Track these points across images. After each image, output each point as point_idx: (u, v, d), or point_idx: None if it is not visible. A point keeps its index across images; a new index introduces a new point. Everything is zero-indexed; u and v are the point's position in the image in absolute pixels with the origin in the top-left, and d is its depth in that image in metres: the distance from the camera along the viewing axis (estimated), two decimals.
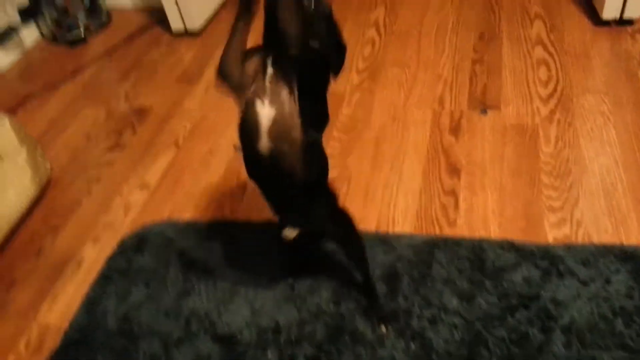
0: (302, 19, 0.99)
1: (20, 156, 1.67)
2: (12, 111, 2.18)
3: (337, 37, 1.12)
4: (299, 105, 1.01)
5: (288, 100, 1.01)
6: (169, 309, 1.37)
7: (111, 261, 1.51)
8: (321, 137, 1.14)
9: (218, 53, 1.08)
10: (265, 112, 1.01)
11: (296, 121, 1.01)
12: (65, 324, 1.39)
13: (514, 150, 1.65)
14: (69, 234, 1.65)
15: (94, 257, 1.56)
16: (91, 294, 1.43)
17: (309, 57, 1.03)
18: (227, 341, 1.28)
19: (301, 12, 0.99)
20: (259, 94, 1.02)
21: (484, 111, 1.79)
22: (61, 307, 1.45)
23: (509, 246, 1.38)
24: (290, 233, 1.21)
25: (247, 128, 1.04)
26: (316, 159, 1.11)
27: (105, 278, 1.47)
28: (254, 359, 1.25)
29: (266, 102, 1.01)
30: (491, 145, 1.68)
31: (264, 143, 1.02)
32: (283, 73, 1.01)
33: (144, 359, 1.28)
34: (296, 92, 1.00)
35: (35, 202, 1.75)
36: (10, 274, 1.56)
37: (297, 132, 1.01)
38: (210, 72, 2.19)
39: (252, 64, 1.04)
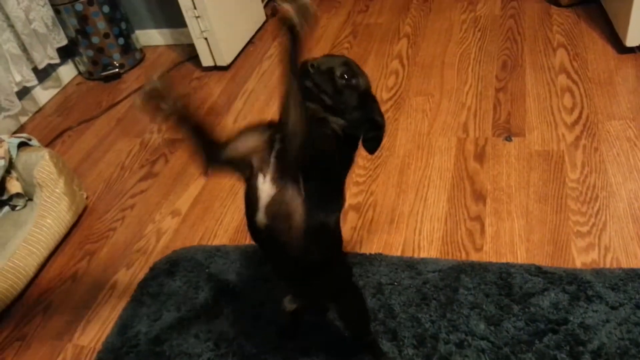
0: (307, 120, 0.90)
1: (58, 186, 1.75)
2: (50, 144, 2.28)
3: (373, 114, 1.05)
4: (307, 188, 0.91)
5: (292, 185, 0.91)
6: (199, 332, 1.39)
7: (143, 285, 1.55)
8: (336, 218, 1.02)
9: (246, 87, 1.08)
10: (265, 187, 0.92)
11: (297, 208, 0.91)
12: (98, 346, 1.43)
13: (540, 176, 1.66)
14: (103, 259, 1.70)
15: (126, 281, 1.60)
16: (124, 317, 1.47)
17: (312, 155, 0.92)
18: None
19: (306, 113, 0.89)
20: (263, 167, 0.93)
21: (508, 138, 1.81)
22: (95, 329, 1.49)
23: (537, 271, 1.38)
24: (289, 305, 1.15)
25: (248, 197, 0.96)
26: (323, 242, 1.00)
27: (138, 301, 1.50)
28: None
29: (267, 178, 0.92)
30: (517, 171, 1.69)
31: (261, 218, 0.93)
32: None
33: None
34: (301, 179, 0.91)
35: (72, 229, 1.82)
36: (46, 296, 1.62)
37: (298, 218, 0.92)
38: (238, 105, 2.26)
39: (254, 139, 0.96)
